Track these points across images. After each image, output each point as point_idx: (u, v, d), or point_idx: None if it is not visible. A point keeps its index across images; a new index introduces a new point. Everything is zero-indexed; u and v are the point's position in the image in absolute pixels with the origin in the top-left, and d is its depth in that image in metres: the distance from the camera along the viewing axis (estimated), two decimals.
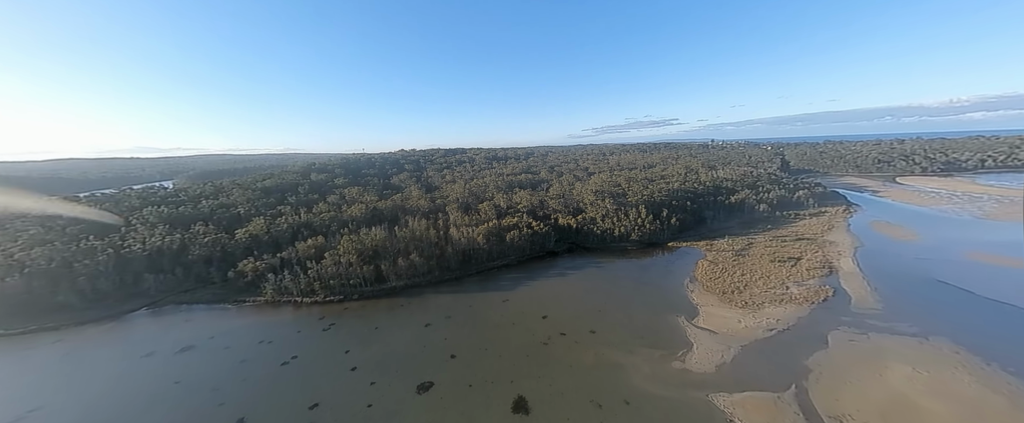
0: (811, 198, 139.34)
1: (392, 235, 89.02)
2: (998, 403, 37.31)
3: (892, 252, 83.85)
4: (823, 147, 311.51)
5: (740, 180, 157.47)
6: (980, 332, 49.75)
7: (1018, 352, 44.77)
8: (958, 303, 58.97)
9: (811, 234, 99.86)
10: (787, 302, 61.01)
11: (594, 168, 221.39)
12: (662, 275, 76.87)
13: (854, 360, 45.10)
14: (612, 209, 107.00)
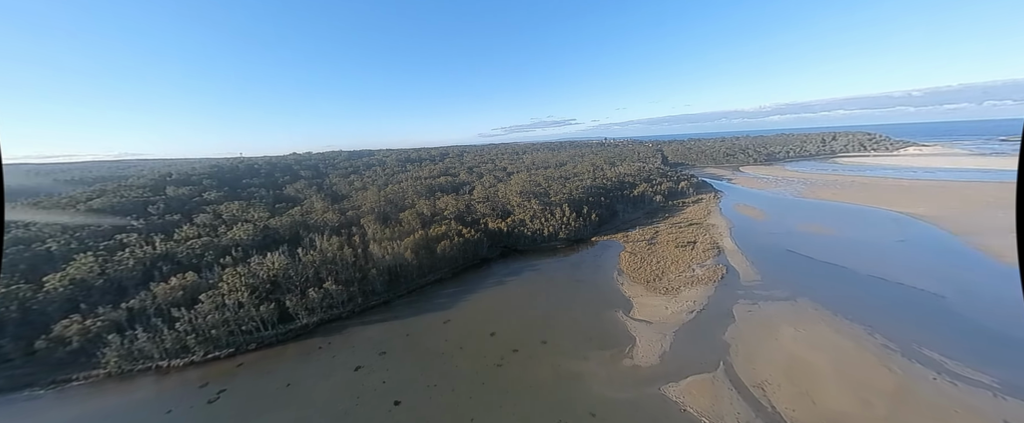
0: (690, 188, 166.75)
1: (295, 260, 73.97)
2: (848, 347, 48.73)
3: (753, 230, 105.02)
4: (689, 144, 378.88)
5: (637, 175, 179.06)
6: (824, 289, 65.05)
7: (849, 302, 59.71)
8: (804, 267, 76.39)
9: (697, 219, 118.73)
10: (696, 283, 70.34)
11: (512, 167, 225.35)
12: (593, 270, 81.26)
13: (755, 329, 53.90)
14: (539, 209, 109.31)
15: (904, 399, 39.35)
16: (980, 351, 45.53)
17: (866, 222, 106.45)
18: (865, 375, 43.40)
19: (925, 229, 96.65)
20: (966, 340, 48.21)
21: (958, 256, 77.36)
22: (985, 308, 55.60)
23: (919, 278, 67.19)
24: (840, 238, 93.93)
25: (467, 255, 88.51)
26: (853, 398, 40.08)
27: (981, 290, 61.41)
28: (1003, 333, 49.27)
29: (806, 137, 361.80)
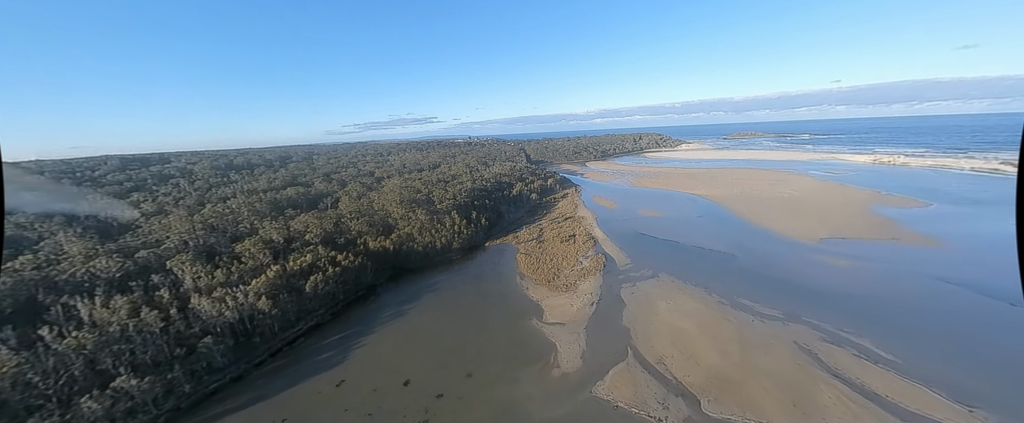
0: (557, 184, 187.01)
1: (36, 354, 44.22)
2: (701, 308, 62.21)
3: (612, 218, 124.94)
4: (545, 143, 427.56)
5: (511, 174, 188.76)
6: (671, 262, 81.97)
7: (688, 270, 76.86)
8: (653, 246, 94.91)
9: (569, 213, 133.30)
10: (587, 275, 77.69)
11: (381, 172, 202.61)
12: (496, 279, 79.66)
13: (641, 309, 62.80)
14: (427, 220, 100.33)
15: (744, 342, 52.39)
16: (769, 294, 65.41)
17: (677, 203, 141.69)
18: (717, 329, 55.95)
19: (710, 206, 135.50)
20: (759, 286, 68.63)
21: (733, 224, 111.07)
22: (761, 261, 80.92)
23: (720, 244, 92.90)
24: (667, 218, 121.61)
25: (348, 287, 72.88)
26: (716, 351, 50.87)
27: (754, 247, 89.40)
28: (776, 278, 72.47)
29: (623, 137, 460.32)
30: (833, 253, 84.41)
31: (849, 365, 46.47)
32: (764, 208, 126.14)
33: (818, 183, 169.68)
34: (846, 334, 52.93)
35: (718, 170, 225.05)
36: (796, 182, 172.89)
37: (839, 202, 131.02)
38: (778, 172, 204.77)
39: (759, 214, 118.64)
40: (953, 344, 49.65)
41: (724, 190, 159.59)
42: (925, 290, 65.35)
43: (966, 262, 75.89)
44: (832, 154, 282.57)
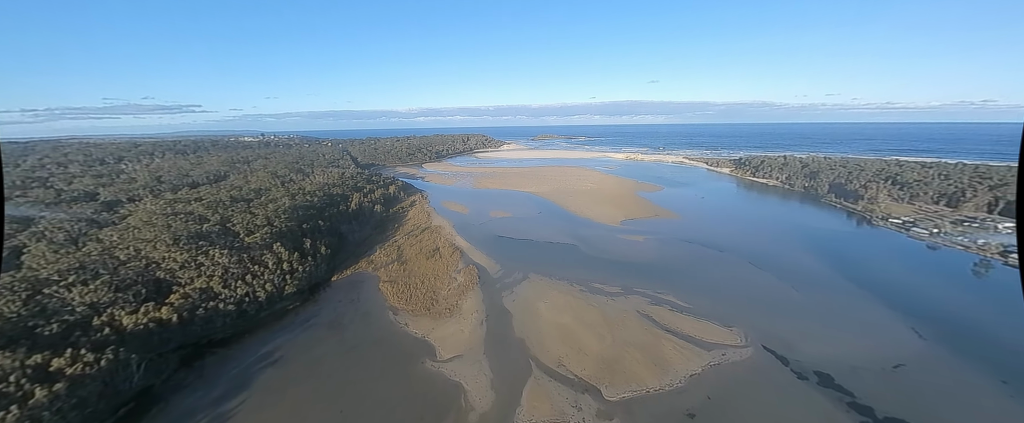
0: (401, 191, 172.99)
1: None
2: (570, 300, 71.10)
3: (468, 223, 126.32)
4: (373, 143, 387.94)
5: (342, 183, 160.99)
6: (533, 260, 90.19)
7: (549, 265, 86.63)
8: (513, 247, 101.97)
9: (424, 223, 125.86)
10: (465, 291, 75.13)
11: (113, 191, 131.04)
12: (361, 321, 65.34)
13: (526, 315, 65.90)
14: (232, 263, 71.28)
15: (608, 322, 63.25)
16: (608, 274, 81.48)
17: (518, 203, 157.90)
18: (587, 316, 65.35)
19: (543, 202, 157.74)
20: (600, 269, 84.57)
21: (565, 217, 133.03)
22: (594, 247, 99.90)
23: (563, 236, 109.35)
24: (516, 218, 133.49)
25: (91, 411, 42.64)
26: (594, 337, 59.33)
27: (586, 235, 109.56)
28: (607, 260, 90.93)
29: (453, 137, 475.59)
30: (631, 232, 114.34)
31: (670, 319, 63.76)
32: (580, 200, 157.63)
33: (603, 176, 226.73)
34: (660, 294, 72.41)
35: (538, 169, 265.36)
36: (590, 177, 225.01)
37: (620, 191, 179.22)
38: (576, 169, 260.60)
39: (579, 206, 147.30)
40: (709, 287, 76.30)
41: (548, 186, 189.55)
42: (684, 251, 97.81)
43: (695, 227, 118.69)
44: (602, 153, 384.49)
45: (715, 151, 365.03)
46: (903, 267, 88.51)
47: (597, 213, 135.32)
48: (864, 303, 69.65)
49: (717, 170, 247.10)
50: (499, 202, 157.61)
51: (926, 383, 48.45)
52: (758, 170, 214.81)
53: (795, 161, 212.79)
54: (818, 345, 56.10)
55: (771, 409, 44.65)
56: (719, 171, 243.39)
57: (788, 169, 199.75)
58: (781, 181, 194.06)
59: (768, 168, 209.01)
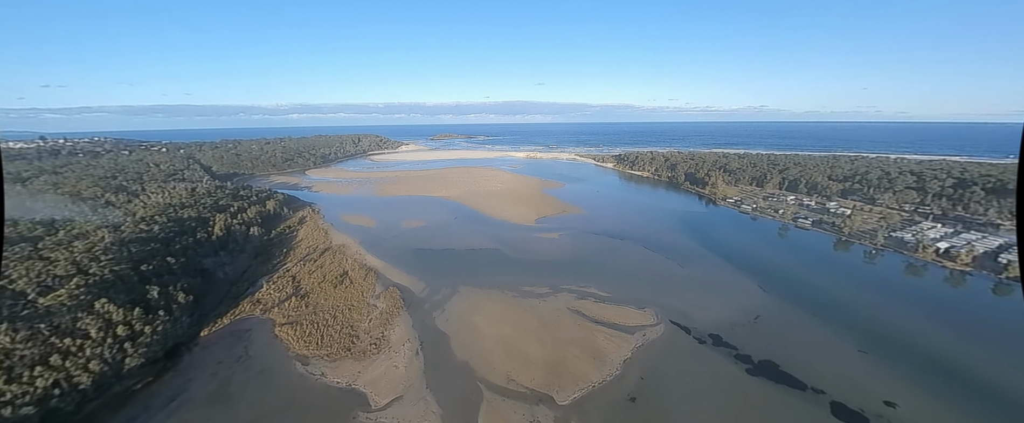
0: (282, 206, 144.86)
1: None
2: (505, 309, 70.61)
3: (378, 238, 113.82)
4: (229, 146, 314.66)
5: (195, 203, 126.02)
6: (460, 272, 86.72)
7: (476, 274, 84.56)
8: (436, 259, 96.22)
9: (322, 244, 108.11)
10: (390, 319, 67.26)
11: None
12: (259, 385, 51.58)
13: (465, 333, 62.67)
14: (19, 341, 47.53)
15: (544, 324, 65.05)
16: (534, 275, 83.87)
17: (430, 209, 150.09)
18: (524, 322, 65.99)
19: (456, 206, 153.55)
20: (526, 271, 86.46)
21: (482, 221, 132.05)
22: (516, 248, 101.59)
23: (484, 241, 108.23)
24: (431, 226, 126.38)
25: None
26: (535, 342, 60.23)
27: (506, 238, 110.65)
28: (530, 260, 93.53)
29: (342, 138, 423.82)
30: (546, 229, 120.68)
31: (597, 311, 69.30)
32: (493, 202, 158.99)
33: (510, 176, 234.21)
34: (583, 288, 78.11)
35: (444, 170, 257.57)
36: (498, 177, 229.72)
37: (528, 190, 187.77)
38: (483, 169, 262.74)
39: (494, 207, 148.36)
40: (619, 273, 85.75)
41: (458, 189, 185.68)
42: (593, 243, 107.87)
43: (597, 219, 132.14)
44: (504, 152, 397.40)
45: (599, 148, 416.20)
46: (740, 236, 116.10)
47: (512, 214, 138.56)
48: (724, 268, 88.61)
49: (603, 165, 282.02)
50: (409, 210, 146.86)
51: (776, 326, 64.29)
52: (634, 164, 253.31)
53: (659, 156, 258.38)
54: (705, 311, 68.70)
55: (690, 375, 52.59)
56: (605, 166, 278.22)
57: (655, 163, 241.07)
58: (651, 173, 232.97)
59: (641, 162, 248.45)
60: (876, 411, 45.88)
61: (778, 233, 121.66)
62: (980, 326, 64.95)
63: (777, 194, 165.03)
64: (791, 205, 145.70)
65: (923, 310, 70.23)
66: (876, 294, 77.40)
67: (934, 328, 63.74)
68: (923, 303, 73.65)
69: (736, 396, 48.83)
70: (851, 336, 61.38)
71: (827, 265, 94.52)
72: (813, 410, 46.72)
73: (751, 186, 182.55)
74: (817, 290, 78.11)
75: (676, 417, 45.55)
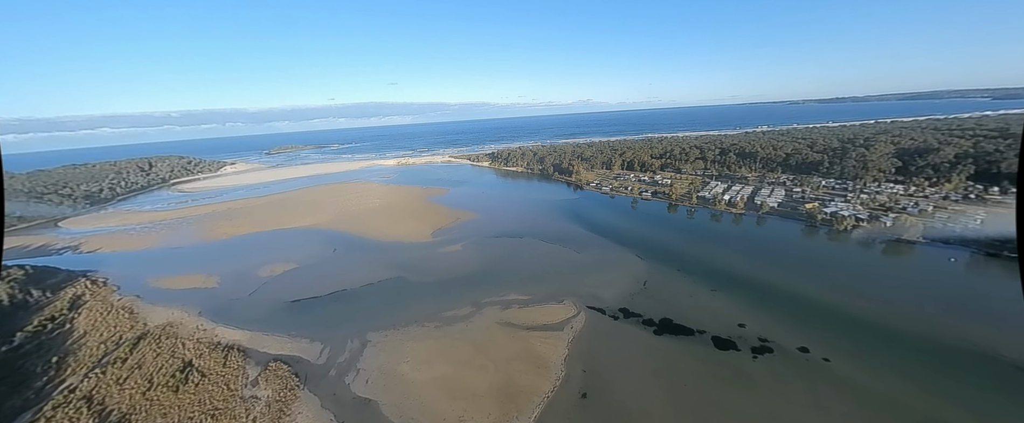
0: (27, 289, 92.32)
1: None
2: (433, 346, 63.68)
3: (229, 300, 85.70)
4: None
5: None
6: (362, 317, 73.69)
7: (386, 314, 73.68)
8: (325, 309, 78.96)
9: (130, 331, 74.31)
10: (282, 410, 51.72)
11: None
12: None
13: (393, 392, 53.49)
14: None
15: (480, 349, 61.86)
16: (452, 296, 78.66)
17: (296, 243, 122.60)
18: (459, 354, 61.19)
19: (333, 234, 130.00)
20: (440, 294, 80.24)
21: (370, 247, 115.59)
22: (420, 270, 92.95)
23: (380, 271, 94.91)
24: (304, 266, 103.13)
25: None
26: (477, 372, 56.63)
27: (405, 261, 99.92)
28: (441, 280, 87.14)
29: (121, 165, 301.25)
30: (446, 242, 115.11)
31: (524, 316, 70.11)
32: (375, 221, 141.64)
33: (386, 188, 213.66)
34: (504, 296, 77.88)
35: (298, 193, 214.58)
36: (372, 190, 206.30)
37: (412, 201, 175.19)
38: (351, 184, 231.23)
39: (379, 228, 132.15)
40: (530, 271, 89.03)
41: (326, 213, 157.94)
42: (497, 246, 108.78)
43: (493, 221, 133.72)
44: (370, 161, 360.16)
45: (470, 147, 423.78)
46: (609, 214, 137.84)
47: (404, 231, 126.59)
48: (608, 246, 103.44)
49: (480, 165, 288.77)
50: (265, 251, 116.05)
51: (658, 286, 78.70)
52: (508, 161, 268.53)
53: (528, 151, 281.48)
54: (609, 288, 78.53)
55: (619, 353, 58.92)
56: (481, 166, 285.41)
57: (525, 158, 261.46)
58: (524, 167, 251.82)
59: (514, 158, 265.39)
60: (736, 334, 61.61)
61: (632, 206, 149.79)
62: (761, 250, 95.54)
63: (622, 174, 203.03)
64: (634, 182, 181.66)
65: (730, 246, 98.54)
66: (702, 242, 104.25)
67: (741, 258, 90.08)
68: (728, 241, 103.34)
69: (657, 357, 57.52)
70: (703, 280, 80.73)
71: (669, 226, 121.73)
72: (703, 348, 59.27)
73: (602, 169, 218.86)
74: (670, 248, 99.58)
75: (624, 396, 50.33)
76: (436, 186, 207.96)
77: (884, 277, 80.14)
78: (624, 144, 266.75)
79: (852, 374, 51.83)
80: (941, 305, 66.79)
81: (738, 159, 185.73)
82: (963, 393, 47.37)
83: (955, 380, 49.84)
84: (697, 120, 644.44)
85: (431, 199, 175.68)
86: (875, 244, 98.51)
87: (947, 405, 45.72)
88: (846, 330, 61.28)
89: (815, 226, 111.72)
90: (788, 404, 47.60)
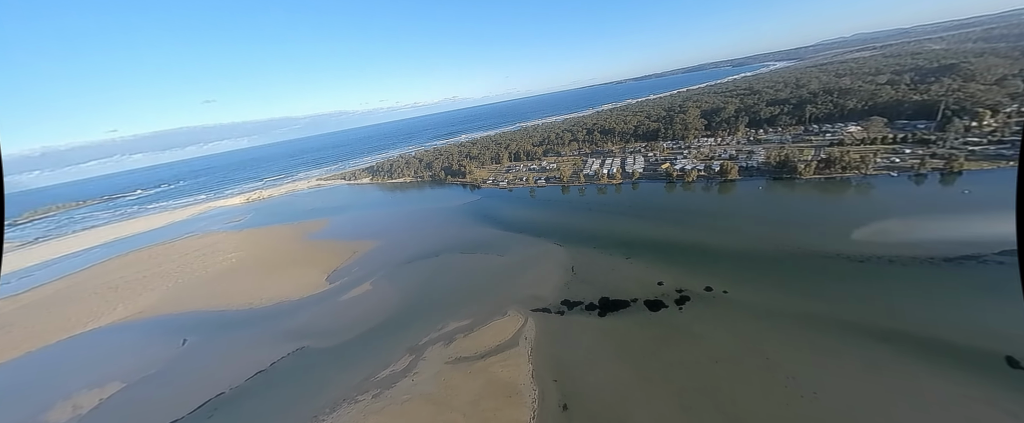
0: None
1: None
2: (398, 414, 51.94)
3: None
4: None
5: None
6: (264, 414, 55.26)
7: (305, 399, 56.96)
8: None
9: None
10: None
11: None
12: None
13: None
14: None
15: (442, 401, 53.45)
16: (382, 351, 66.07)
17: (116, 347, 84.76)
18: (417, 416, 51.57)
19: (178, 319, 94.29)
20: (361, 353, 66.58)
21: (245, 318, 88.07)
22: (325, 332, 75.32)
23: (274, 346, 73.07)
24: (142, 378, 71.65)
25: None
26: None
27: (302, 326, 79.50)
28: (356, 336, 72.37)
29: None
30: (348, 284, 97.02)
31: (473, 345, 63.94)
32: (239, 283, 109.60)
33: (240, 236, 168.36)
34: (443, 328, 69.65)
35: (93, 271, 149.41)
36: (219, 243, 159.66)
37: (282, 244, 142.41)
38: (180, 241, 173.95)
39: (247, 292, 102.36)
40: (462, 291, 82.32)
41: (157, 292, 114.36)
42: (413, 273, 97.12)
43: (397, 245, 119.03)
44: (202, 204, 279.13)
45: (341, 164, 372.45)
46: (513, 208, 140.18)
47: (287, 286, 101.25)
48: (526, 241, 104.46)
49: (359, 182, 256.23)
50: (57, 375, 75.82)
51: (585, 268, 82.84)
52: (392, 173, 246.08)
53: (411, 159, 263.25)
54: (544, 285, 79.01)
55: (577, 347, 59.19)
56: (361, 183, 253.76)
57: (411, 166, 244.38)
58: (412, 177, 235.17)
59: (398, 169, 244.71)
60: (659, 292, 69.57)
61: (531, 195, 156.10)
62: (645, 211, 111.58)
63: (513, 165, 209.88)
64: (526, 172, 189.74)
65: (623, 214, 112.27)
66: (601, 215, 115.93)
67: (635, 222, 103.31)
68: (619, 210, 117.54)
69: (611, 338, 60.02)
70: (617, 251, 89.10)
71: (569, 207, 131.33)
72: (642, 315, 64.82)
73: (493, 165, 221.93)
74: (580, 229, 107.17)
75: (600, 391, 50.48)
76: (311, 219, 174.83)
77: (727, 211, 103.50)
78: (505, 137, 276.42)
79: (743, 298, 64.40)
80: (771, 223, 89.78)
81: (602, 136, 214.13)
82: (810, 287, 64.10)
83: (801, 279, 67.19)
84: (554, 106, 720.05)
85: (311, 236, 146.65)
86: (712, 187, 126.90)
87: (807, 300, 60.95)
88: (725, 263, 76.11)
89: (673, 182, 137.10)
90: (718, 339, 55.79)
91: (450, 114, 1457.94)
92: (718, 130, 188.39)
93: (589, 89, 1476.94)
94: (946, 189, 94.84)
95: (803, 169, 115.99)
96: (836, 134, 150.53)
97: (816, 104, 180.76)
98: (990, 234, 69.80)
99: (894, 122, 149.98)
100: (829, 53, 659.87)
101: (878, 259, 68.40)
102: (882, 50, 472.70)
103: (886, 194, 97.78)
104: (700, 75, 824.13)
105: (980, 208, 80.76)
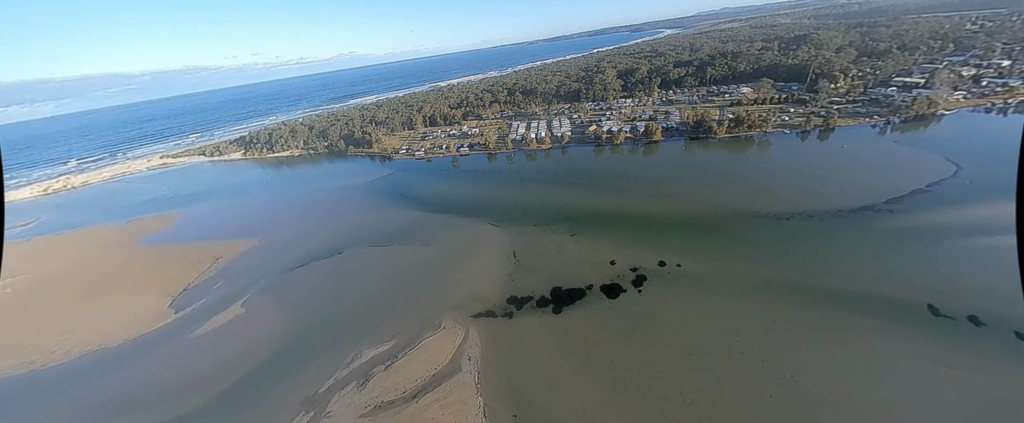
0: None
1: None
2: None
3: None
4: None
5: None
6: None
7: None
8: None
9: None
10: None
11: None
12: None
13: None
14: None
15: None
16: (271, 404, 45.59)
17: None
18: None
19: None
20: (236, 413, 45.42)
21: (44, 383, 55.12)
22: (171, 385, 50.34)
23: None
24: None
25: None
26: None
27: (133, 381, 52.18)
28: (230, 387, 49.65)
29: None
30: (206, 311, 69.01)
31: (399, 378, 47.93)
32: (20, 328, 70.76)
33: (27, 246, 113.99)
34: (356, 360, 51.70)
35: None
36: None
37: (101, 255, 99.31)
38: None
39: (34, 341, 65.74)
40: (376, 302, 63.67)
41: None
42: (308, 280, 73.44)
43: (286, 242, 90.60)
44: None
45: (201, 136, 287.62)
46: (434, 183, 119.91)
47: (106, 324, 67.85)
48: (454, 223, 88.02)
49: (228, 158, 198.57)
50: None
51: (526, 252, 71.32)
52: (273, 145, 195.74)
53: (300, 126, 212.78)
54: (481, 280, 65.30)
55: (534, 361, 47.98)
56: (230, 159, 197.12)
57: (299, 135, 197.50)
58: (302, 149, 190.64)
59: (282, 139, 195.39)
60: (614, 273, 61.95)
61: (454, 166, 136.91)
62: (580, 178, 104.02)
63: (429, 132, 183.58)
64: (445, 138, 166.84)
65: (558, 182, 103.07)
66: (536, 186, 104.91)
67: (572, 192, 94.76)
68: (553, 178, 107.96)
69: (571, 340, 50.19)
70: (560, 227, 79.29)
71: (499, 178, 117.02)
72: (600, 303, 56.38)
73: (405, 131, 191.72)
74: (515, 203, 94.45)
75: (574, 420, 40.32)
76: (151, 213, 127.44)
77: (659, 175, 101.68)
78: (417, 98, 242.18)
79: (697, 269, 60.51)
80: (703, 185, 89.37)
81: (524, 97, 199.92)
82: (753, 252, 62.96)
83: (742, 243, 66.04)
84: (467, 65, 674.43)
85: (147, 240, 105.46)
86: (639, 149, 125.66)
87: (754, 267, 59.21)
88: (670, 232, 72.12)
89: (602, 144, 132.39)
90: (685, 325, 50.19)
91: (348, 73, 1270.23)
92: (636, 91, 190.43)
93: (501, 48, 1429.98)
94: (827, 144, 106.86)
95: (718, 129, 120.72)
96: (733, 95, 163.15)
97: (714, 66, 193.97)
98: (872, 183, 78.85)
99: (776, 84, 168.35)
100: (707, 23, 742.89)
101: (800, 215, 71.15)
102: (748, 22, 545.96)
103: (785, 150, 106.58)
104: (605, 38, 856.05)
105: (858, 159, 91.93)
